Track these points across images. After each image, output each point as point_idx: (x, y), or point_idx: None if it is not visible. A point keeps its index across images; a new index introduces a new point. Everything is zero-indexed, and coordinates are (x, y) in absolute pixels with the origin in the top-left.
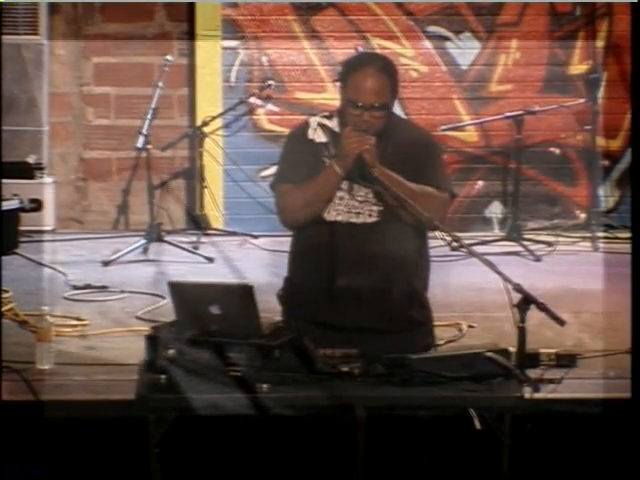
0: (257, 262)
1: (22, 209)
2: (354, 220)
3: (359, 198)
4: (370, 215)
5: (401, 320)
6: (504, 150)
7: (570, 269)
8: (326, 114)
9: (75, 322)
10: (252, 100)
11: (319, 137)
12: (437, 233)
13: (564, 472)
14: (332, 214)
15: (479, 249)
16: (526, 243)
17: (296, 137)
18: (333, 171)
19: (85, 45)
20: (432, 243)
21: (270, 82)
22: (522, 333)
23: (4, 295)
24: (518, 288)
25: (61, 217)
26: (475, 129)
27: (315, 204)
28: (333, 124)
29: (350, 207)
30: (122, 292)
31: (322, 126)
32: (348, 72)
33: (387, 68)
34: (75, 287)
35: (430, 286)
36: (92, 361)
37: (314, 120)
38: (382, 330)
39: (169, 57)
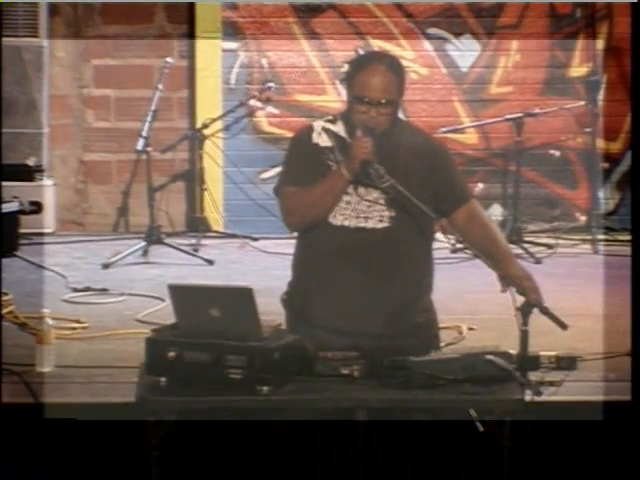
0: (257, 264)
1: (22, 211)
2: (363, 225)
3: (367, 202)
4: (381, 220)
5: (406, 325)
6: (504, 152)
7: (570, 271)
8: (330, 118)
9: (75, 324)
10: (252, 102)
11: (324, 141)
12: (441, 235)
13: (565, 474)
14: (339, 218)
15: None
16: (526, 245)
17: (300, 141)
18: (340, 174)
19: (85, 47)
20: (434, 245)
21: (270, 84)
22: (524, 336)
23: (4, 297)
24: (521, 291)
25: (61, 219)
26: (475, 131)
27: (320, 207)
28: (338, 128)
29: (358, 212)
30: (122, 294)
31: (326, 130)
32: (355, 70)
33: (394, 66)
34: (75, 289)
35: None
36: (92, 363)
37: (318, 124)
38: (387, 335)
39: (169, 59)
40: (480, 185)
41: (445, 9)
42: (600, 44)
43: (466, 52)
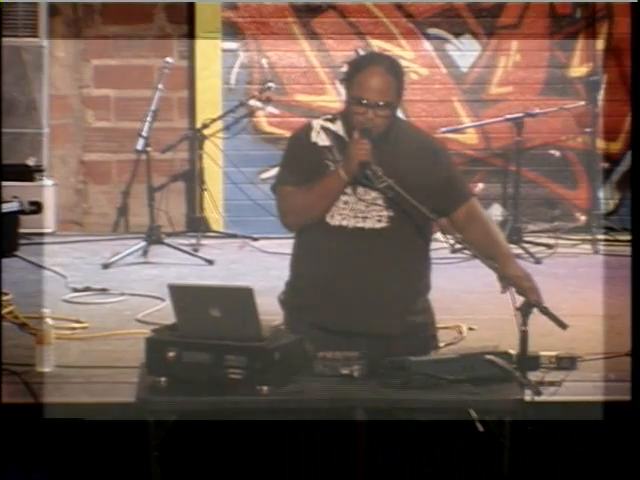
0: (257, 264)
1: (22, 211)
2: (361, 225)
3: (365, 202)
4: (379, 220)
5: (404, 325)
6: (504, 152)
7: (570, 271)
8: (329, 117)
9: (75, 324)
10: (252, 102)
11: (322, 140)
12: (440, 235)
13: (565, 474)
14: (337, 218)
15: None
16: (526, 246)
17: (299, 139)
18: (338, 175)
19: (85, 47)
20: (433, 245)
21: (270, 84)
22: (524, 336)
23: (4, 297)
24: (520, 291)
25: (61, 219)
26: (475, 131)
27: (318, 207)
28: (336, 127)
29: (356, 211)
30: (122, 295)
31: (325, 129)
32: (354, 70)
33: (394, 68)
34: (75, 290)
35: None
36: (92, 363)
37: (317, 123)
38: (385, 335)
39: (169, 59)
40: (480, 185)
41: (445, 9)
42: (600, 44)
43: (466, 52)
